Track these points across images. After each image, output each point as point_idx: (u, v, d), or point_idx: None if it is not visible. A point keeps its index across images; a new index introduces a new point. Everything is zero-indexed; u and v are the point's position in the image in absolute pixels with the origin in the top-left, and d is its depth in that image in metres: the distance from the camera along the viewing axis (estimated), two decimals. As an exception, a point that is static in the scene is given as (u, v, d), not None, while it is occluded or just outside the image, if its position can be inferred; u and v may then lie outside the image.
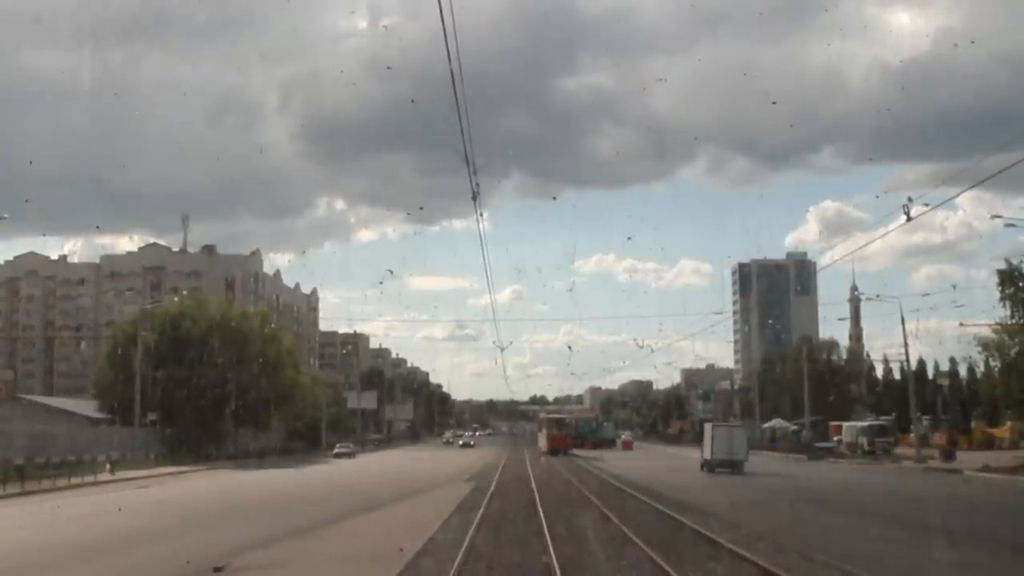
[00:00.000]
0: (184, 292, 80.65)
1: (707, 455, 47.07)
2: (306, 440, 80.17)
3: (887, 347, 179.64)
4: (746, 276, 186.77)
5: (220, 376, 62.50)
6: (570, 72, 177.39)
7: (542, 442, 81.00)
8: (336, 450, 74.78)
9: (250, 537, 19.44)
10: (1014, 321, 48.02)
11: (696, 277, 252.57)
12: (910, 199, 24.38)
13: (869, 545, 17.87)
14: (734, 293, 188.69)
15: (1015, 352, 48.89)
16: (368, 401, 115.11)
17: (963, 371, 76.53)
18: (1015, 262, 48.04)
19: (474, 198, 19.13)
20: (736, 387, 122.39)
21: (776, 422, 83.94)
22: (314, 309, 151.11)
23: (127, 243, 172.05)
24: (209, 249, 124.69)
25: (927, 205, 25.63)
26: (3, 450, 40.36)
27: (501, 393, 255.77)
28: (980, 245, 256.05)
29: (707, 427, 51.78)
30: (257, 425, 72.48)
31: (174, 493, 36.26)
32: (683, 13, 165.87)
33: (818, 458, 59.13)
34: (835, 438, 67.71)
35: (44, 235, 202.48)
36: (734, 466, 45.02)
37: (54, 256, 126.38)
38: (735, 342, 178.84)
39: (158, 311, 68.64)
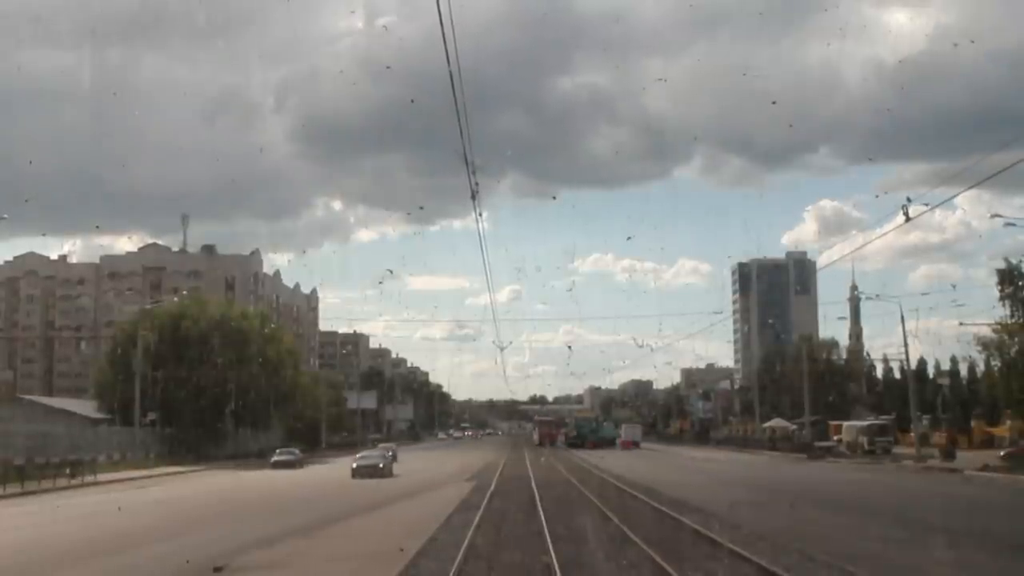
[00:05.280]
0: (184, 292, 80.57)
1: (622, 437, 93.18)
2: (306, 440, 79.98)
3: (887, 347, 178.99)
4: (746, 275, 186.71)
5: (220, 376, 62.44)
6: (568, 72, 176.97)
7: (535, 437, 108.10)
8: (274, 458, 54.89)
9: (250, 537, 19.44)
10: (1014, 320, 48.03)
11: (695, 277, 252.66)
12: (909, 199, 24.49)
13: (870, 544, 17.84)
14: (734, 292, 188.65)
15: (1015, 351, 48.89)
16: (368, 401, 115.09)
17: (963, 371, 76.54)
18: (1014, 261, 48.18)
19: (473, 198, 19.17)
20: (736, 386, 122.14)
21: (776, 421, 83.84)
22: (314, 309, 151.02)
23: (126, 243, 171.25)
24: (209, 249, 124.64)
25: (926, 205, 25.74)
26: (3, 450, 40.32)
27: (501, 393, 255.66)
28: (979, 244, 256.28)
29: (623, 425, 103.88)
30: (257, 425, 72.42)
31: (174, 493, 36.26)
32: (681, 13, 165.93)
33: (818, 457, 59.15)
34: (835, 437, 67.67)
35: (44, 235, 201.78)
36: (635, 444, 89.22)
37: (54, 256, 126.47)
38: (735, 342, 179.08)
39: (158, 311, 68.58)
